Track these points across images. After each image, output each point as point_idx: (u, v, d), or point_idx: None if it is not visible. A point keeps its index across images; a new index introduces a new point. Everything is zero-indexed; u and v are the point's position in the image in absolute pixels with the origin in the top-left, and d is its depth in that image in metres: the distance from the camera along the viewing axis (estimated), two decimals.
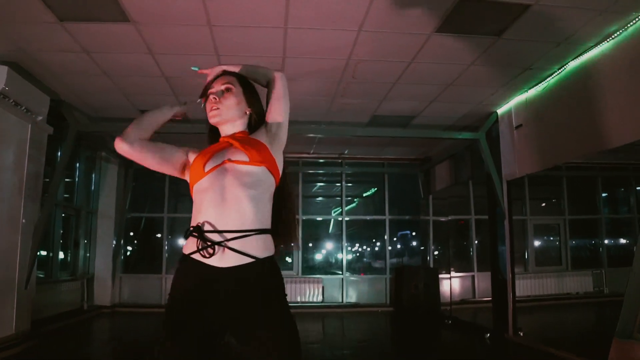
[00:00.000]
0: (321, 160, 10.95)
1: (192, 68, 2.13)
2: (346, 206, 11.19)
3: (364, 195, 12.49)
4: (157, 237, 10.59)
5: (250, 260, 1.68)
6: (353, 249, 11.74)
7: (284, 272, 1.84)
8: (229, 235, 1.67)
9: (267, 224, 1.79)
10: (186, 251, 1.74)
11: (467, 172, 9.35)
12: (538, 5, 4.42)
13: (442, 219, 11.12)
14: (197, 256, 1.69)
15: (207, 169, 1.79)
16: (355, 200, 12.18)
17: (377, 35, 5.10)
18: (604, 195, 12.10)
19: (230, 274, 1.66)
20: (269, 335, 1.66)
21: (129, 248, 10.74)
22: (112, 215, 9.77)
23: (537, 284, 10.66)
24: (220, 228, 1.68)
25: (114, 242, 9.75)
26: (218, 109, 1.94)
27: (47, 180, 6.96)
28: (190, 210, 1.83)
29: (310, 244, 11.39)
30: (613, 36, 5.04)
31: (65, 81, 6.30)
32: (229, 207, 1.71)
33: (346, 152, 10.43)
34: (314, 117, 7.89)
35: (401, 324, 8.82)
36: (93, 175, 9.60)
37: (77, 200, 9.01)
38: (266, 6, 4.53)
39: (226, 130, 1.99)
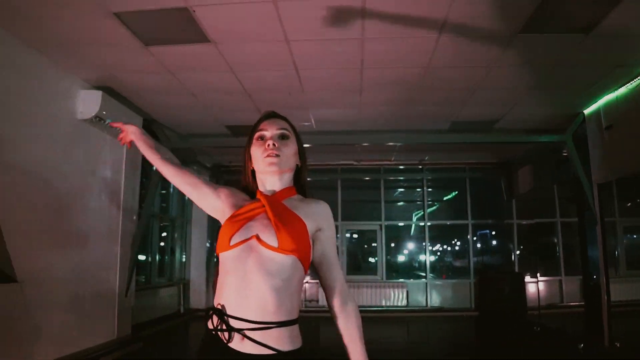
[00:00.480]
0: (401, 167, 10.54)
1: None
2: (427, 209, 10.69)
3: (444, 198, 11.90)
4: None
5: (271, 352, 1.42)
6: (435, 252, 11.19)
7: (368, 277, 1.52)
8: (249, 325, 1.42)
9: (293, 315, 1.50)
10: (210, 326, 1.50)
11: (551, 174, 8.61)
12: None
13: (525, 222, 10.37)
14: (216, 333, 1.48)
15: (232, 242, 1.51)
16: (435, 203, 11.62)
17: (455, 41, 4.66)
18: None
19: None
20: None
21: None
22: (204, 223, 9.87)
23: (629, 289, 9.66)
24: (240, 316, 1.43)
25: (207, 248, 9.84)
26: (278, 156, 1.61)
27: (143, 192, 7.06)
28: None
29: (392, 244, 10.95)
30: None
31: (154, 101, 6.32)
32: (250, 296, 1.44)
33: (426, 158, 9.93)
34: (394, 125, 7.49)
35: (487, 329, 8.19)
36: None
37: (172, 211, 9.14)
38: (342, 19, 4.22)
39: (271, 182, 1.67)
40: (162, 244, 8.84)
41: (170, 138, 7.45)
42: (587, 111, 6.68)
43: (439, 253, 11.43)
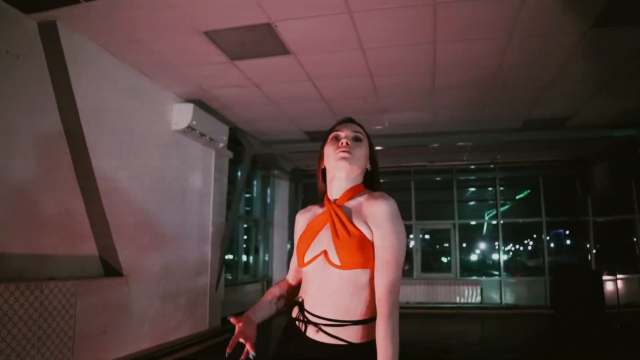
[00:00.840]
0: (473, 167, 10.25)
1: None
2: (500, 208, 10.32)
3: (517, 197, 11.43)
4: None
5: (344, 343, 1.48)
6: (509, 250, 10.78)
7: (442, 274, 1.48)
8: (324, 321, 1.51)
9: (367, 314, 1.51)
10: (293, 314, 1.64)
11: (628, 170, 8.03)
12: None
13: (602, 219, 9.75)
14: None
15: (306, 259, 1.61)
16: (508, 202, 11.19)
17: (527, 40, 4.49)
18: None
19: (324, 349, 1.50)
20: None
21: None
22: (285, 224, 10.08)
23: None
24: (317, 313, 1.53)
25: (288, 248, 10.04)
26: (350, 153, 1.62)
27: (230, 196, 7.33)
28: None
29: (465, 244, 10.67)
30: None
31: (238, 111, 6.56)
32: (326, 300, 1.53)
33: (498, 157, 9.59)
34: (466, 126, 7.32)
35: (564, 327, 7.75)
36: (268, 191, 9.99)
37: (256, 213, 9.42)
38: (414, 24, 4.21)
39: (339, 180, 1.65)
40: (246, 244, 9.11)
41: (254, 145, 7.69)
42: None
43: (512, 252, 11.02)
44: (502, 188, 10.56)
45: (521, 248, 11.20)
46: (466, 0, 3.80)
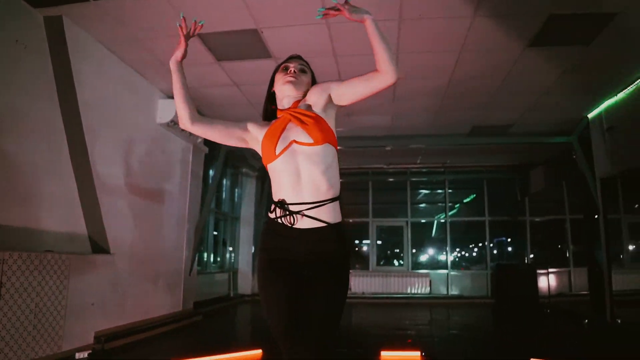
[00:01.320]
0: (425, 170, 10.94)
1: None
2: (449, 211, 11.06)
3: (465, 201, 12.24)
4: None
5: (323, 224, 1.75)
6: (455, 248, 11.57)
7: (396, 268, 1.88)
8: (306, 207, 1.74)
9: (337, 190, 1.81)
10: (272, 216, 1.83)
11: (561, 174, 8.92)
12: (622, 13, 4.23)
13: (538, 219, 10.65)
14: (281, 220, 1.79)
15: (277, 151, 1.81)
16: (456, 206, 11.97)
17: (475, 55, 5.13)
18: None
19: (308, 232, 1.75)
20: (325, 287, 1.73)
21: None
22: (251, 221, 10.44)
23: (634, 279, 9.83)
24: (298, 201, 1.75)
25: (253, 242, 10.39)
26: (295, 78, 1.92)
27: (205, 188, 7.64)
28: None
29: (417, 241, 11.35)
30: None
31: (215, 109, 6.90)
32: (305, 185, 1.76)
33: (448, 161, 10.33)
34: (421, 130, 7.95)
35: (503, 312, 8.50)
36: (236, 188, 10.33)
37: (224, 208, 9.73)
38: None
39: (287, 99, 1.94)
40: (215, 237, 9.40)
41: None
42: (590, 115, 7.02)
43: (458, 249, 11.80)
44: (450, 191, 11.31)
45: (468, 246, 12.00)
46: (426, 18, 4.37)
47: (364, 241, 11.12)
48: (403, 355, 4.69)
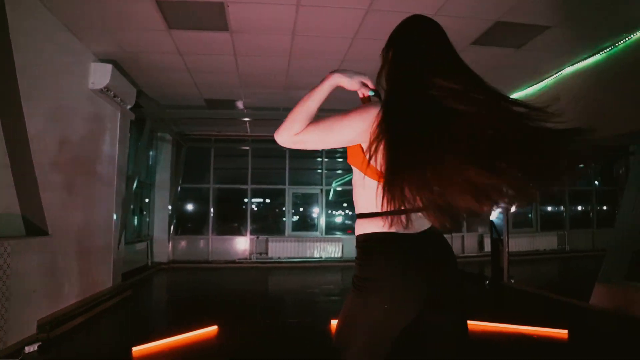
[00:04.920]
0: None
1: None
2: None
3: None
4: (204, 205, 10.78)
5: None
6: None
7: (310, 233, 1.58)
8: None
9: (359, 208, 1.52)
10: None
11: None
12: (554, 27, 4.80)
13: None
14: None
15: None
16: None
17: None
18: None
19: None
20: None
21: (181, 214, 10.87)
22: (167, 186, 9.92)
23: (514, 243, 11.24)
24: None
25: (170, 209, 9.93)
26: None
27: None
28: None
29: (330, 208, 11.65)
30: (605, 50, 5.52)
31: (150, 75, 6.38)
32: None
33: None
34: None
35: None
36: (151, 153, 9.69)
37: (140, 175, 9.12)
38: (345, 21, 4.70)
39: None
40: (133, 205, 8.82)
41: (153, 108, 7.48)
42: None
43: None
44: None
45: None
46: (396, 11, 4.42)
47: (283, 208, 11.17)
48: None
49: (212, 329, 4.62)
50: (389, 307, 1.38)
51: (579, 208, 13.01)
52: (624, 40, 5.24)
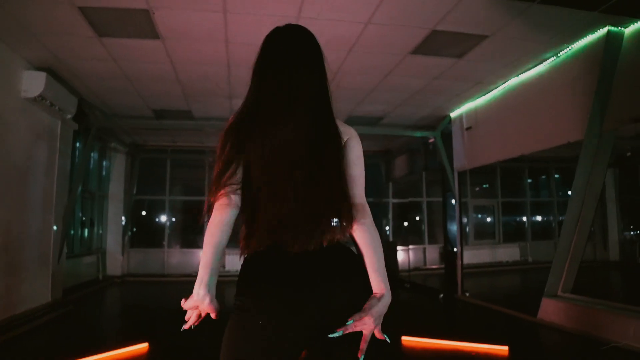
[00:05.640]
0: None
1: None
2: None
3: None
4: (160, 216, 10.62)
5: None
6: None
7: None
8: None
9: None
10: None
11: (422, 163, 9.79)
12: (493, 36, 4.83)
13: (398, 200, 11.63)
14: None
15: None
16: None
17: (362, 55, 5.38)
18: (529, 181, 12.85)
19: None
20: None
21: (135, 226, 10.70)
22: (121, 198, 9.76)
23: (476, 255, 11.29)
24: None
25: (123, 221, 9.76)
26: None
27: (72, 168, 6.95)
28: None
29: None
30: (548, 61, 5.57)
31: (91, 84, 6.29)
32: None
33: None
34: None
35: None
36: (104, 163, 9.54)
37: (91, 186, 8.97)
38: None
39: None
40: (82, 216, 8.64)
41: (98, 118, 7.37)
42: (453, 114, 7.83)
43: None
44: None
45: None
46: (325, 19, 4.45)
47: None
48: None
49: (143, 346, 4.46)
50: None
51: (540, 219, 13.19)
52: (566, 50, 5.29)
